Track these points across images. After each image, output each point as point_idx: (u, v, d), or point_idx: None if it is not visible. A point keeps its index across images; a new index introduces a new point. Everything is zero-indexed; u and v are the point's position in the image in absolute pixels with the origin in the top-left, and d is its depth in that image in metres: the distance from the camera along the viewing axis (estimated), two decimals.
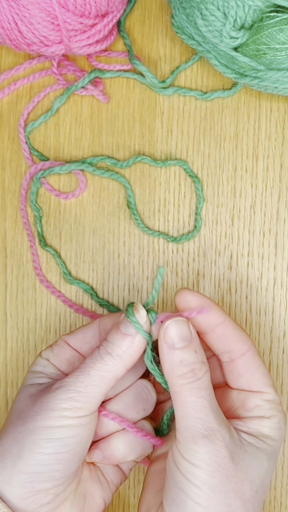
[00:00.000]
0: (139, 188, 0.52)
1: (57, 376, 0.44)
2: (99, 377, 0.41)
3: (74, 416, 0.40)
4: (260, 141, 0.52)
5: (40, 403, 0.40)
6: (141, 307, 0.42)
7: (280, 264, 0.52)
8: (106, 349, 0.41)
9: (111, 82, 0.53)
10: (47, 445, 0.39)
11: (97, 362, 0.41)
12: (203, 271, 0.52)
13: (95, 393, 0.41)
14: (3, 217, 0.53)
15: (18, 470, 0.39)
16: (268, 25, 0.43)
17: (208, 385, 0.40)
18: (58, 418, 0.39)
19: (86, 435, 0.41)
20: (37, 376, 0.44)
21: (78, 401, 0.40)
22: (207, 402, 0.39)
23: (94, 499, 0.43)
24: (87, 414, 0.40)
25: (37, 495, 0.39)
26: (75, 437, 0.40)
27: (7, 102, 0.53)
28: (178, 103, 0.53)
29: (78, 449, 0.40)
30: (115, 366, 0.41)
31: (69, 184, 0.53)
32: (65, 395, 0.40)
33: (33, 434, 0.39)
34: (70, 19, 0.46)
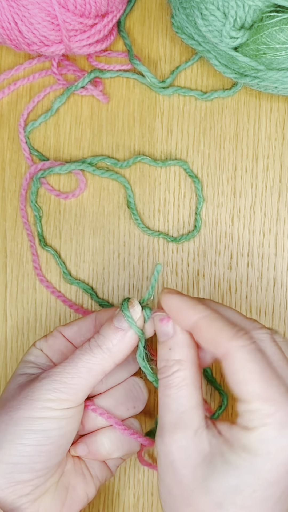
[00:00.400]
0: (139, 188, 0.52)
1: (47, 367, 0.44)
2: (86, 369, 0.40)
3: (58, 408, 0.39)
4: (260, 141, 0.52)
5: (25, 393, 0.40)
6: (136, 302, 0.42)
7: (280, 264, 0.52)
8: (97, 341, 0.41)
9: (111, 82, 0.53)
10: (29, 436, 0.39)
11: (86, 354, 0.41)
12: (203, 271, 0.52)
13: (81, 385, 0.40)
14: (3, 217, 0.53)
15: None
16: (268, 25, 0.43)
17: (177, 385, 0.39)
18: (42, 409, 0.39)
19: (70, 428, 0.40)
20: (28, 366, 0.44)
21: (63, 392, 0.39)
22: (170, 401, 0.38)
23: (77, 493, 0.43)
24: (72, 407, 0.40)
25: (16, 485, 0.39)
26: (58, 430, 0.40)
27: (7, 102, 0.53)
28: (178, 103, 0.53)
29: (61, 442, 0.40)
30: (104, 359, 0.41)
31: (69, 184, 0.53)
32: (50, 386, 0.39)
33: (15, 424, 0.39)
34: (70, 19, 0.46)
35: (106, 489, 0.52)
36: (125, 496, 0.52)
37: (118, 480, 0.52)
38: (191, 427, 0.38)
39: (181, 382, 0.39)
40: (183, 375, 0.39)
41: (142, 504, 0.52)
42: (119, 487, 0.52)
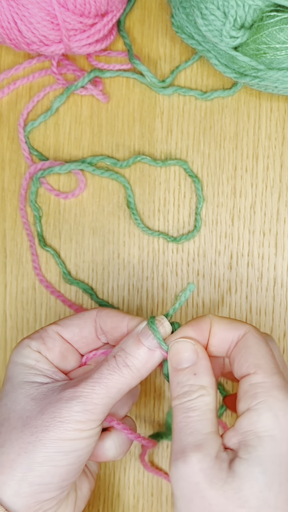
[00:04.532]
0: (139, 188, 0.52)
1: (52, 373, 0.42)
2: (116, 389, 0.39)
3: (88, 429, 0.39)
4: (260, 140, 0.52)
5: (51, 413, 0.39)
6: (166, 320, 0.41)
7: (280, 264, 0.52)
8: (125, 361, 0.40)
9: (110, 82, 0.53)
10: (60, 458, 0.38)
11: (115, 374, 0.40)
12: (203, 271, 0.52)
13: (109, 405, 0.40)
14: (2, 217, 0.53)
15: (29, 482, 0.38)
16: (268, 24, 0.43)
17: (199, 408, 0.38)
18: (73, 431, 0.38)
19: (94, 443, 0.40)
20: (32, 372, 0.42)
21: (94, 413, 0.39)
22: (192, 423, 0.38)
23: (83, 492, 0.43)
24: (98, 425, 0.40)
25: (43, 502, 0.39)
26: (86, 448, 0.39)
27: (6, 101, 0.53)
28: (178, 102, 0.52)
29: (86, 458, 0.40)
30: (133, 379, 0.40)
31: (69, 184, 0.53)
32: (80, 407, 0.38)
33: (45, 446, 0.38)
34: (69, 18, 0.46)
35: (106, 490, 0.52)
36: (125, 496, 0.52)
37: (118, 481, 0.52)
38: (214, 449, 0.37)
39: (205, 405, 0.38)
40: (207, 400, 0.38)
41: (142, 505, 0.52)
42: (119, 487, 0.52)
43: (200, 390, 0.38)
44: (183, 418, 0.38)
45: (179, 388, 0.39)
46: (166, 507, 0.52)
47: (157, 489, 0.52)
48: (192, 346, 0.40)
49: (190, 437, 0.37)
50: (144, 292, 0.52)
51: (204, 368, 0.39)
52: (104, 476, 0.52)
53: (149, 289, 0.52)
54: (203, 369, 0.39)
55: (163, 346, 0.40)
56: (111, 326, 0.43)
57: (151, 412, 0.52)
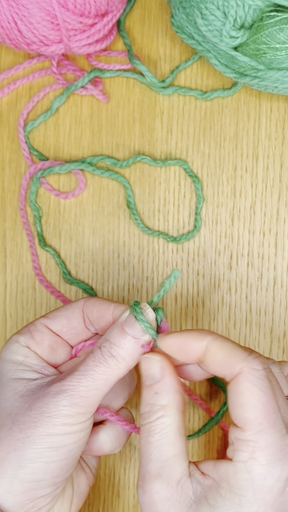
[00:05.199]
0: (139, 188, 0.52)
1: (41, 368, 0.42)
2: (103, 380, 0.39)
3: (78, 422, 0.38)
4: (260, 140, 0.52)
5: (39, 408, 0.38)
6: (149, 308, 0.40)
7: (280, 264, 0.52)
8: (111, 351, 0.39)
9: (110, 82, 0.53)
10: (51, 454, 0.38)
11: (100, 365, 0.39)
12: (203, 271, 0.52)
13: (98, 397, 0.39)
14: (2, 217, 0.53)
15: (20, 480, 0.37)
16: (268, 24, 0.43)
17: (160, 431, 0.37)
18: (62, 426, 0.38)
19: (86, 437, 0.40)
20: (20, 368, 0.41)
21: (81, 406, 0.38)
22: (153, 448, 0.37)
23: (80, 488, 0.43)
24: (89, 418, 0.39)
25: (37, 500, 0.38)
26: (77, 442, 0.39)
27: (6, 101, 0.53)
28: (178, 102, 0.52)
29: (79, 452, 0.39)
30: (120, 369, 0.39)
31: (69, 184, 0.53)
32: (68, 401, 0.38)
33: (34, 442, 0.38)
34: (69, 18, 0.46)
35: (106, 490, 0.52)
36: (125, 496, 0.52)
37: (118, 481, 0.52)
38: (174, 477, 0.36)
39: (165, 428, 0.37)
40: (167, 422, 0.37)
41: None
42: (119, 487, 0.52)
43: (160, 411, 0.37)
44: (144, 442, 0.37)
45: (143, 407, 0.38)
46: None
47: None
48: (157, 363, 0.38)
49: (149, 464, 0.37)
50: (144, 292, 0.52)
51: (167, 386, 0.38)
52: (104, 476, 0.52)
53: (149, 289, 0.52)
54: (165, 387, 0.38)
55: (151, 333, 0.39)
56: (97, 315, 0.43)
57: None
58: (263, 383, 0.36)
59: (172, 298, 0.52)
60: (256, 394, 0.35)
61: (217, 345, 0.37)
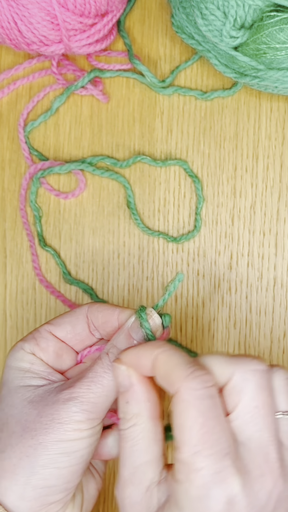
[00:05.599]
0: (139, 188, 0.52)
1: (48, 375, 0.42)
2: (112, 387, 0.39)
3: (88, 428, 0.39)
4: (260, 140, 0.52)
5: (50, 415, 0.38)
6: (155, 313, 0.40)
7: (280, 264, 0.52)
8: None
9: (110, 82, 0.53)
10: (63, 459, 0.38)
11: (109, 371, 0.39)
12: (203, 271, 0.52)
13: (108, 403, 0.39)
14: (2, 217, 0.53)
15: (33, 486, 0.38)
16: (268, 24, 0.43)
17: (133, 438, 0.37)
18: (73, 432, 0.38)
19: (96, 442, 0.40)
20: (27, 376, 0.42)
21: (92, 412, 0.38)
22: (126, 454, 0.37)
23: (90, 492, 0.43)
24: (98, 423, 0.39)
25: (49, 506, 0.39)
26: (89, 447, 0.39)
27: (6, 101, 0.53)
28: (178, 102, 0.52)
29: (89, 458, 0.40)
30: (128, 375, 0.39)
31: (69, 184, 0.53)
32: (78, 408, 0.38)
33: (46, 449, 0.38)
34: (69, 18, 0.46)
35: (106, 490, 0.52)
36: None
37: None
38: (144, 483, 0.36)
39: (137, 436, 0.37)
40: (139, 430, 0.37)
41: None
42: None
43: (132, 420, 0.37)
44: (120, 448, 0.38)
45: (119, 412, 0.38)
46: None
47: None
48: (124, 372, 0.38)
49: (123, 469, 0.37)
50: (144, 292, 0.52)
51: (136, 395, 0.38)
52: (104, 476, 0.52)
53: (149, 289, 0.52)
54: (135, 396, 0.38)
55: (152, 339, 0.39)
56: (102, 320, 0.43)
57: None
58: (202, 403, 0.34)
59: (172, 298, 0.52)
60: (193, 416, 0.34)
61: (163, 359, 0.37)
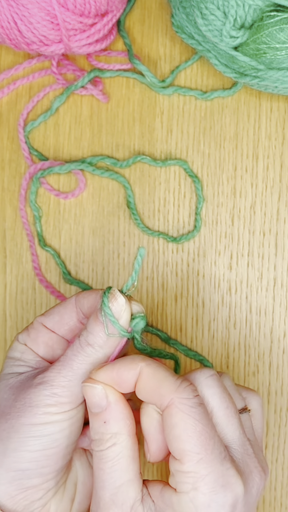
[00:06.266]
0: (139, 188, 0.52)
1: (36, 363, 0.42)
2: (82, 370, 0.38)
3: (59, 412, 0.38)
4: (260, 140, 0.52)
5: (23, 399, 0.39)
6: (118, 294, 0.38)
7: (280, 264, 0.52)
8: (87, 340, 0.38)
9: (110, 82, 0.53)
10: (34, 442, 0.38)
11: (78, 354, 0.38)
12: (203, 271, 0.52)
13: (80, 387, 0.39)
14: (2, 217, 0.53)
15: (6, 468, 0.38)
16: (268, 24, 0.43)
17: (111, 458, 0.36)
18: (43, 415, 0.38)
19: (74, 427, 0.39)
20: (16, 364, 0.42)
21: (62, 396, 0.38)
22: (105, 476, 0.36)
23: (86, 486, 0.42)
24: (73, 408, 0.39)
25: (27, 491, 0.39)
26: (62, 432, 0.39)
27: (6, 101, 0.53)
28: (178, 102, 0.52)
29: (67, 443, 0.39)
30: (98, 358, 0.39)
31: (69, 184, 0.53)
32: (48, 391, 0.38)
33: (17, 432, 0.38)
34: (69, 18, 0.46)
35: None
36: None
37: None
38: (127, 503, 0.36)
39: (117, 456, 0.36)
40: (119, 449, 0.37)
41: None
42: None
43: (111, 440, 0.37)
44: (96, 470, 0.37)
45: (93, 433, 0.38)
46: None
47: None
48: (100, 391, 0.37)
49: (103, 491, 0.36)
50: (144, 292, 0.52)
51: (115, 414, 0.37)
52: None
53: (149, 289, 0.52)
54: (114, 415, 0.37)
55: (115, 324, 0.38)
56: (88, 306, 0.42)
57: None
58: (196, 411, 0.35)
59: (172, 298, 0.52)
60: (190, 424, 0.35)
61: (149, 373, 0.37)
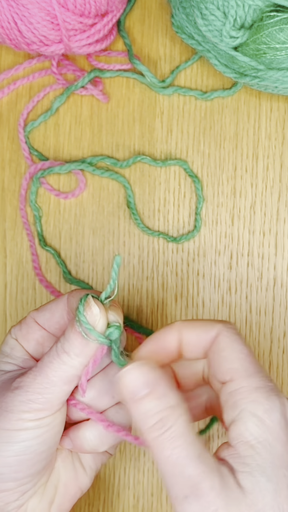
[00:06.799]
0: (139, 188, 0.52)
1: (23, 362, 0.41)
2: (57, 377, 0.37)
3: (34, 419, 0.37)
4: (260, 140, 0.52)
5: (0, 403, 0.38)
6: (93, 303, 0.37)
7: (280, 264, 0.52)
8: (63, 347, 0.37)
9: (110, 82, 0.53)
10: (8, 448, 0.37)
11: (54, 361, 0.37)
12: (203, 271, 0.52)
13: (56, 394, 0.37)
14: (2, 217, 0.53)
15: None
16: (268, 24, 0.43)
17: (183, 431, 0.35)
18: (17, 421, 0.37)
19: (50, 434, 0.38)
20: (4, 360, 0.41)
21: (37, 403, 0.37)
22: (184, 452, 0.34)
23: (68, 489, 0.41)
24: (49, 415, 0.38)
25: (1, 493, 0.38)
26: (36, 439, 0.37)
27: (6, 101, 0.53)
28: (178, 102, 0.52)
29: (41, 449, 0.38)
30: (74, 366, 0.37)
31: (69, 184, 0.53)
32: (23, 397, 0.37)
33: None
34: (69, 18, 0.46)
35: (106, 490, 0.52)
36: (125, 496, 0.52)
37: (118, 481, 0.52)
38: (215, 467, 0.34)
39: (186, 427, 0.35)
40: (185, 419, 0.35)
41: (142, 505, 0.52)
42: (119, 487, 0.52)
43: (174, 413, 0.35)
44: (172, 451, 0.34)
45: (149, 419, 0.35)
46: (166, 507, 0.51)
47: (157, 489, 0.52)
48: (143, 368, 0.36)
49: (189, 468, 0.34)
50: (144, 292, 0.52)
51: (165, 386, 0.36)
52: (104, 476, 0.52)
53: (149, 289, 0.52)
54: (164, 388, 0.35)
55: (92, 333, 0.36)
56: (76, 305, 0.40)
57: None
58: (241, 340, 0.37)
59: (172, 298, 0.52)
60: (238, 347, 0.37)
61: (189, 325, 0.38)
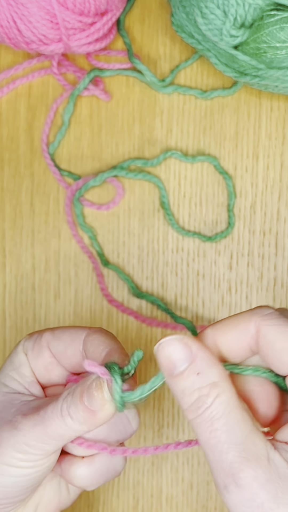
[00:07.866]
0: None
1: (28, 385, 0.39)
2: (57, 435, 0.35)
3: (26, 461, 0.35)
4: (260, 140, 0.52)
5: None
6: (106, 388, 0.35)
7: (280, 264, 0.51)
8: (68, 410, 0.35)
9: (110, 81, 0.53)
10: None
11: (57, 419, 0.35)
12: (203, 271, 0.52)
13: (52, 447, 0.36)
14: (1, 216, 0.53)
15: None
16: (269, 23, 0.43)
17: (224, 411, 0.32)
18: (10, 458, 0.35)
19: (39, 474, 0.37)
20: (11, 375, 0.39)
21: (32, 449, 0.35)
22: (223, 435, 0.31)
23: (49, 507, 0.39)
24: (42, 458, 0.36)
25: None
26: (25, 477, 0.36)
27: (6, 101, 0.53)
28: (178, 101, 0.52)
29: (28, 485, 0.37)
30: (76, 431, 0.36)
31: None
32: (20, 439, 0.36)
33: None
34: (69, 17, 0.46)
35: (105, 490, 0.52)
36: (124, 497, 0.52)
37: (117, 481, 0.52)
38: (263, 454, 0.31)
39: (227, 406, 0.32)
40: (227, 398, 0.32)
41: (142, 506, 0.52)
42: (119, 488, 0.51)
43: (214, 390, 0.32)
44: (210, 434, 0.32)
45: (187, 398, 0.32)
46: (166, 507, 0.51)
47: (157, 489, 0.51)
48: (180, 342, 0.33)
49: (229, 454, 0.31)
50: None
51: (206, 360, 0.33)
52: None
53: (149, 289, 0.52)
54: (205, 362, 0.33)
55: None
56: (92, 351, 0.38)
57: (151, 414, 0.52)
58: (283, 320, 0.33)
59: (172, 298, 0.52)
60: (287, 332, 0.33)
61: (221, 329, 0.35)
